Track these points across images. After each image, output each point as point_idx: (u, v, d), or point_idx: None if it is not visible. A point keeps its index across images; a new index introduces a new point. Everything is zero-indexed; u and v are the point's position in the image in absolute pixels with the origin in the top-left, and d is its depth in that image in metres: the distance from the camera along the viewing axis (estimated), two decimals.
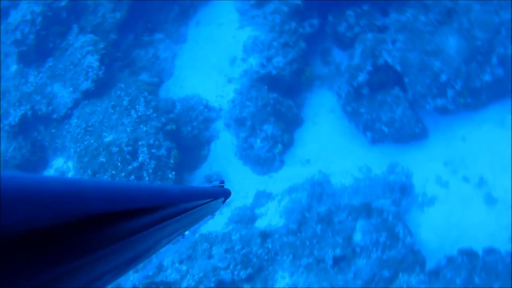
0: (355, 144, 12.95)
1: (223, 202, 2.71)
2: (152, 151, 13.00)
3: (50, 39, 15.01)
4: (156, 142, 13.13)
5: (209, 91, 14.75)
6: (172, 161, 13.14)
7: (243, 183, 13.61)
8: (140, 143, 13.05)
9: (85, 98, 14.26)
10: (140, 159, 12.90)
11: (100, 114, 13.83)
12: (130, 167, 12.80)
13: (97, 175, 13.12)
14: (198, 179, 14.04)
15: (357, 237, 10.94)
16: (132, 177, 12.78)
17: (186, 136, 14.24)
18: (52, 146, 15.13)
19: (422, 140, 12.22)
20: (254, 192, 13.38)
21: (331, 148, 13.11)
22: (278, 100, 13.55)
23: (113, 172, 12.88)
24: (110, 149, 13.05)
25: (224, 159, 14.18)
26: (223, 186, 2.79)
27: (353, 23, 12.99)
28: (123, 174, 12.81)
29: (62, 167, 14.85)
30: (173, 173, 13.08)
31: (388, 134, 12.28)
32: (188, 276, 11.57)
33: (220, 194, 2.51)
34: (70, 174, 14.26)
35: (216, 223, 12.97)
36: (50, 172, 14.94)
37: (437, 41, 11.54)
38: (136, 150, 12.96)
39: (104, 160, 13.04)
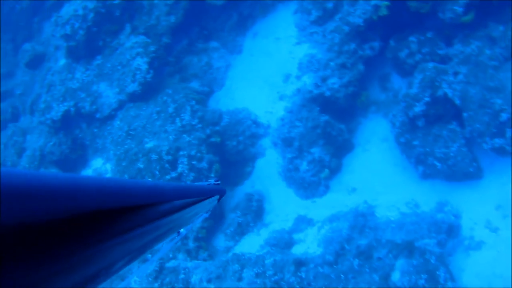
0: (405, 177, 12.87)
1: (218, 200, 2.78)
2: (192, 162, 13.21)
3: (100, 37, 15.47)
4: (198, 154, 13.33)
5: (259, 106, 14.92)
6: (212, 175, 13.31)
7: (285, 206, 13.69)
8: (181, 153, 13.29)
9: (131, 100, 14.64)
10: (179, 169, 13.14)
11: (144, 119, 14.15)
12: (168, 177, 13.02)
13: None
14: (239, 196, 14.18)
15: (395, 276, 10.83)
16: None
17: (230, 151, 14.41)
18: (92, 146, 15.57)
19: (475, 180, 12.01)
20: (295, 216, 13.41)
21: (379, 179, 13.06)
22: (329, 123, 13.55)
23: (150, 180, 13.12)
24: (149, 156, 13.34)
25: (267, 179, 14.30)
26: (218, 184, 2.90)
27: (415, 50, 12.96)
28: None
29: (100, 168, 15.24)
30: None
31: (441, 170, 12.14)
32: None
33: (215, 192, 2.56)
34: (108, 177, 14.58)
35: (252, 244, 13.16)
36: (88, 172, 15.38)
37: (501, 77, 11.36)
38: (176, 160, 13.20)
39: (142, 166, 13.35)
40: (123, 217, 1.12)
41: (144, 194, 1.30)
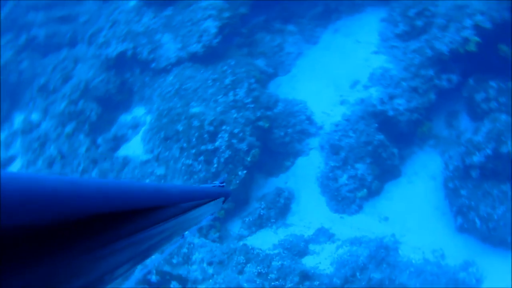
0: (441, 223, 12.72)
1: (223, 202, 2.79)
2: (232, 141, 13.28)
3: None
4: (241, 134, 13.40)
5: (317, 104, 14.88)
6: (249, 159, 13.41)
7: (312, 212, 13.67)
8: (224, 127, 13.36)
9: (190, 60, 14.75)
10: (217, 144, 13.22)
11: (197, 82, 14.25)
12: (203, 147, 13.16)
13: (167, 141, 13.61)
14: (269, 188, 14.23)
15: None
16: (201, 158, 13.13)
17: (275, 140, 14.42)
18: (139, 93, 15.75)
19: (510, 251, 11.80)
20: (318, 226, 13.40)
21: (415, 216, 12.91)
22: (383, 143, 13.47)
23: (184, 145, 13.29)
24: (191, 121, 13.45)
25: (303, 179, 14.28)
26: (223, 186, 2.92)
27: (492, 96, 12.77)
28: (193, 151, 13.18)
29: (140, 118, 15.43)
30: (244, 172, 13.33)
31: (479, 229, 11.94)
32: (211, 281, 11.69)
33: (220, 194, 2.61)
34: (143, 129, 14.83)
35: (266, 240, 13.21)
36: (126, 118, 15.63)
37: None
38: (216, 133, 13.29)
39: (181, 129, 13.49)
40: (127, 220, 1.14)
41: (149, 197, 1.34)
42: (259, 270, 11.70)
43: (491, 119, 12.29)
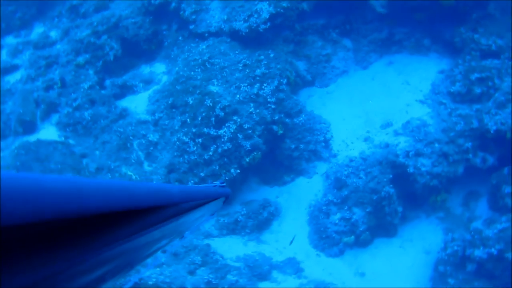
0: None
1: (224, 202, 2.86)
2: (238, 135, 12.60)
3: None
4: (249, 131, 12.72)
5: (340, 131, 14.22)
6: (247, 160, 12.73)
7: (290, 238, 12.99)
8: (235, 117, 12.69)
9: (230, 36, 14.08)
10: (221, 131, 12.55)
11: (228, 62, 13.57)
12: (205, 130, 12.49)
13: (173, 110, 12.95)
14: (258, 195, 13.69)
15: None
16: (199, 140, 12.49)
17: (284, 150, 13.81)
18: (167, 50, 15.08)
19: None
20: (290, 256, 12.81)
21: (392, 283, 12.19)
22: (390, 197, 12.77)
23: (188, 120, 12.66)
24: (204, 98, 12.78)
25: (295, 201, 13.70)
26: (224, 186, 2.87)
27: None
28: (194, 130, 12.54)
29: (156, 74, 14.79)
30: (238, 171, 12.70)
31: None
32: (158, 269, 11.12)
33: (221, 194, 2.64)
34: (155, 87, 14.18)
35: (232, 248, 12.60)
36: (144, 71, 14.91)
37: None
38: (225, 120, 12.60)
39: (191, 102, 12.82)
40: (128, 220, 1.18)
41: (149, 197, 1.31)
42: (210, 279, 11.36)
43: (510, 218, 11.52)
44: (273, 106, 13.19)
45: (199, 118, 12.63)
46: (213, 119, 12.58)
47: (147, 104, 13.84)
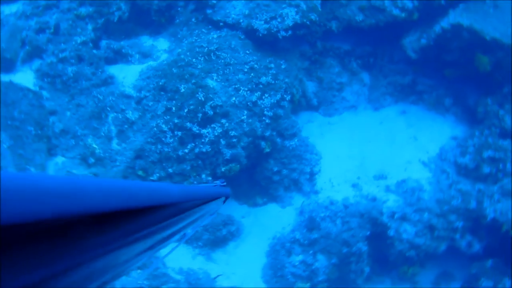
0: None
1: (224, 202, 2.96)
2: (220, 140, 11.66)
3: None
4: (234, 140, 11.76)
5: (330, 168, 13.44)
6: (222, 169, 11.83)
7: (243, 264, 12.43)
8: (223, 121, 11.74)
9: (245, 33, 13.16)
10: (204, 131, 11.59)
11: (235, 59, 12.59)
12: (188, 125, 11.54)
13: (161, 92, 12.00)
14: (226, 209, 12.89)
15: None
16: (179, 133, 11.56)
17: (264, 170, 13.00)
18: (176, 28, 14.02)
19: None
20: (237, 284, 12.11)
21: None
22: (361, 255, 12.13)
23: (173, 108, 11.72)
24: (197, 91, 11.80)
25: (261, 227, 12.98)
26: (224, 185, 3.03)
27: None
28: (176, 121, 11.58)
29: (157, 50, 13.87)
30: (209, 179, 11.75)
31: None
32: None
33: (221, 194, 2.73)
34: (150, 64, 13.16)
35: (179, 258, 11.84)
36: (145, 41, 13.94)
37: None
38: (211, 120, 11.65)
39: (182, 91, 11.82)
40: (128, 219, 1.21)
41: (149, 196, 1.35)
42: (143, 285, 10.87)
43: None
44: (267, 121, 12.26)
45: (186, 110, 11.63)
46: (200, 115, 11.59)
47: (136, 78, 12.79)
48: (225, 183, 3.08)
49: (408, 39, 13.85)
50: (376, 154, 13.62)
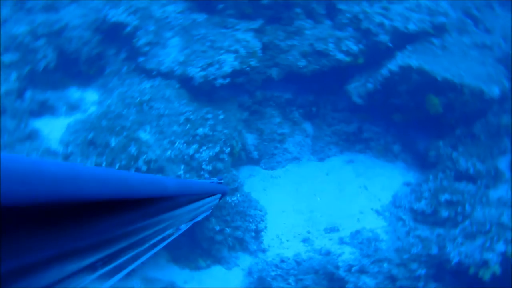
0: None
1: (220, 198, 3.00)
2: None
3: None
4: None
5: (277, 224, 12.88)
6: None
7: None
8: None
9: (180, 82, 12.74)
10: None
11: (169, 110, 12.21)
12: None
13: (90, 147, 11.35)
14: (167, 274, 12.15)
15: None
16: None
17: (206, 230, 12.31)
18: (106, 78, 13.68)
19: None
20: None
21: None
22: None
23: (104, 164, 11.05)
24: (130, 144, 11.21)
25: None
26: (221, 182, 3.17)
27: None
28: None
29: (85, 102, 13.43)
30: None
31: None
32: None
33: (218, 190, 2.83)
34: (78, 117, 12.61)
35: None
36: (73, 93, 13.27)
37: None
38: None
39: (113, 145, 11.22)
40: (123, 209, 1.21)
41: (145, 188, 1.36)
42: None
43: None
44: (206, 175, 11.61)
45: (117, 166, 10.93)
46: (133, 171, 10.62)
47: (63, 132, 12.09)
48: (222, 181, 3.13)
49: (354, 85, 13.56)
50: (325, 206, 13.10)
